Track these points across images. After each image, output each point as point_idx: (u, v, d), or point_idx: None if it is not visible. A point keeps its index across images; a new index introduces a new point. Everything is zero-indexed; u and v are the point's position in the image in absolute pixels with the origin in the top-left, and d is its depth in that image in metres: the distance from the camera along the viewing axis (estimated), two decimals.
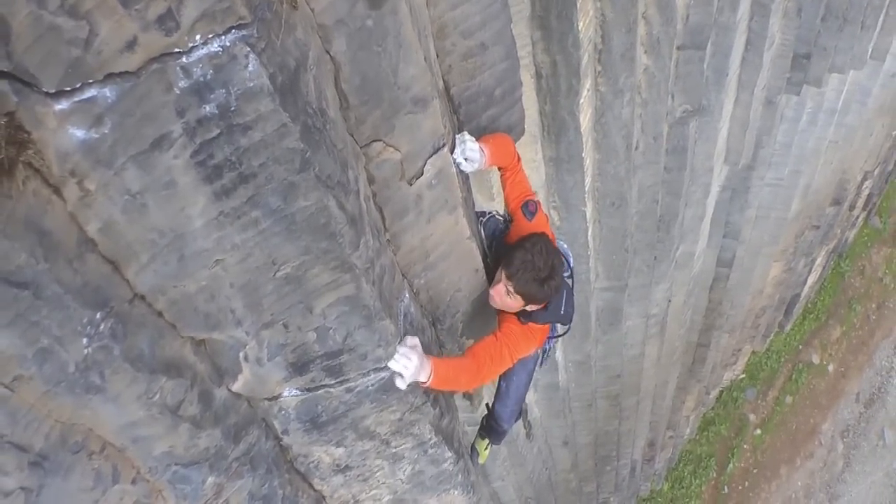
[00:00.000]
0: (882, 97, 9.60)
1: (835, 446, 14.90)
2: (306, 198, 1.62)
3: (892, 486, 14.81)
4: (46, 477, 1.77)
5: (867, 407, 15.17)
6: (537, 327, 2.87)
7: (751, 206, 8.71)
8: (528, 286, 2.64)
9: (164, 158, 1.44)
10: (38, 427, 1.73)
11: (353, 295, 1.95)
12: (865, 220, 15.45)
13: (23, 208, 1.39)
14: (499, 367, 2.77)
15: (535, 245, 2.67)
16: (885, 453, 14.96)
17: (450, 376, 2.55)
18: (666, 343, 9.29)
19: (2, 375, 1.58)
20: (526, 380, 3.60)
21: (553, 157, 4.83)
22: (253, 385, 2.17)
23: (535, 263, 2.62)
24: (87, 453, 1.90)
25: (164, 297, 1.76)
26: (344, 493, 2.94)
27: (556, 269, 2.68)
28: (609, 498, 13.08)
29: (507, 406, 3.67)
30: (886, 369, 15.35)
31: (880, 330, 15.50)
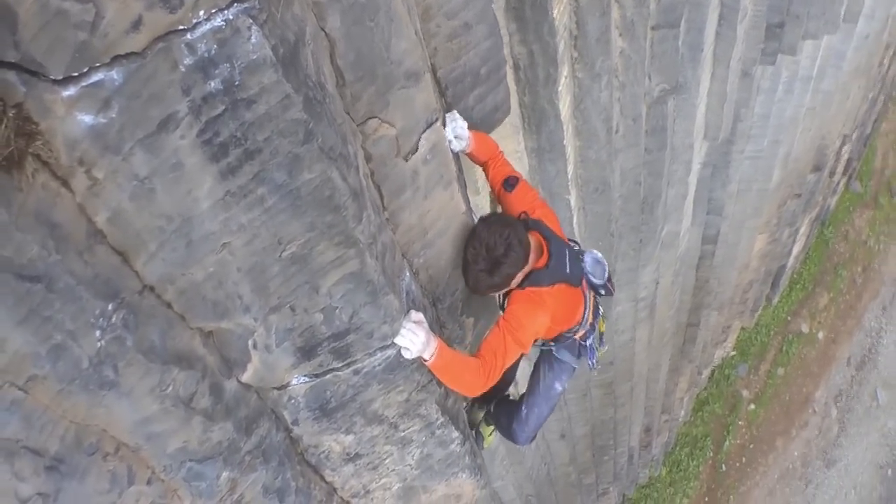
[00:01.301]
0: (856, 59, 9.83)
1: (829, 412, 15.23)
2: (310, 170, 1.67)
3: (888, 446, 15.17)
4: (63, 481, 1.79)
5: (859, 370, 15.52)
6: (541, 290, 2.80)
7: (732, 180, 8.88)
8: (484, 284, 2.71)
9: (171, 139, 1.48)
10: (52, 429, 1.75)
11: (358, 271, 2.00)
12: (846, 186, 15.80)
13: (33, 201, 1.43)
14: (507, 357, 2.69)
15: (467, 247, 2.71)
16: (880, 413, 15.32)
17: (454, 367, 2.57)
18: (656, 325, 9.43)
19: (16, 377, 1.61)
20: (548, 411, 3.62)
21: (535, 148, 4.92)
22: (262, 374, 2.22)
23: (476, 269, 2.68)
24: (101, 455, 1.93)
25: (172, 286, 1.80)
26: (354, 484, 2.99)
27: (494, 250, 2.64)
28: (608, 488, 13.23)
29: (524, 431, 3.69)
30: (876, 330, 15.72)
31: (867, 292, 15.87)
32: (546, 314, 2.83)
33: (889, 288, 16.00)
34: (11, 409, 1.62)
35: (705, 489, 14.98)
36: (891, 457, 15.16)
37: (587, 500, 12.78)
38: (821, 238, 15.78)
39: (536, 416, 3.60)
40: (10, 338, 1.54)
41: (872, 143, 16.19)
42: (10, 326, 1.52)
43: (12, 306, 1.49)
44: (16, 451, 1.67)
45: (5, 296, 1.47)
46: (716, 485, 14.97)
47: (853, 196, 16.26)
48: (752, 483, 14.93)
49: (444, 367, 2.53)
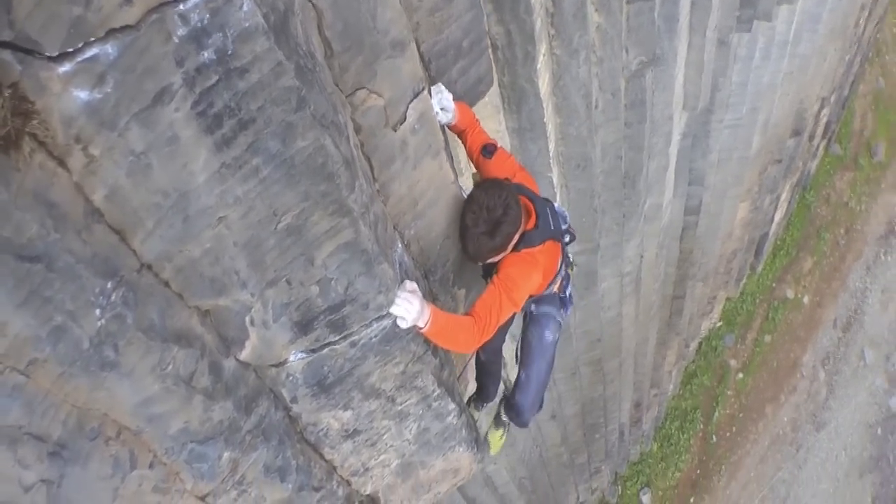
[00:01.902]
0: (832, 21, 9.97)
1: (817, 376, 15.57)
2: (304, 138, 1.71)
3: (876, 405, 15.55)
4: (66, 466, 1.82)
5: (845, 331, 15.86)
6: (534, 250, 2.89)
7: (712, 150, 8.99)
8: (485, 248, 2.76)
9: (166, 112, 1.51)
10: (54, 414, 1.77)
11: (352, 240, 2.05)
12: (826, 149, 16.05)
13: (31, 181, 1.45)
14: (501, 315, 2.78)
15: (465, 216, 2.77)
16: (867, 373, 15.68)
17: (448, 329, 2.62)
18: (642, 299, 9.56)
19: (17, 361, 1.62)
20: (546, 367, 3.61)
21: (516, 128, 4.98)
22: (260, 351, 2.26)
23: (476, 232, 2.73)
24: (103, 439, 1.96)
25: (170, 264, 1.83)
26: (354, 462, 3.05)
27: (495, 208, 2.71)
28: (601, 466, 13.44)
29: (528, 395, 3.69)
30: (861, 290, 16.05)
31: (851, 253, 16.19)
32: (539, 272, 2.94)
33: (872, 248, 16.33)
34: (13, 394, 1.64)
35: (697, 461, 15.28)
36: (879, 415, 15.55)
37: (580, 479, 12.99)
38: (802, 203, 16.05)
39: (536, 374, 3.60)
40: (11, 321, 1.55)
41: (851, 104, 16.46)
42: (10, 309, 1.53)
43: (12, 288, 1.51)
44: (18, 437, 1.69)
45: (5, 277, 1.49)
46: (707, 456, 15.27)
47: (833, 159, 16.54)
48: (743, 452, 15.25)
49: (439, 332, 2.59)
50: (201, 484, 2.41)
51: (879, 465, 15.41)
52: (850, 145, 16.77)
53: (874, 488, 15.33)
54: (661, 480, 15.20)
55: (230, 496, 2.57)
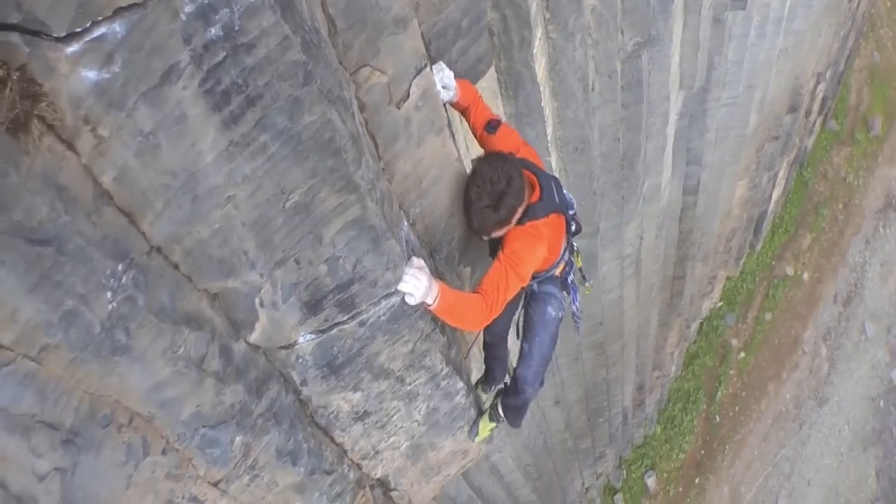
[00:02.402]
0: None
1: (818, 352, 15.65)
2: (311, 112, 1.72)
3: (878, 378, 15.65)
4: (79, 454, 1.83)
5: (846, 306, 15.94)
6: (538, 223, 2.90)
7: (709, 128, 9.01)
8: (491, 220, 2.77)
9: (174, 91, 1.52)
10: (67, 401, 1.78)
11: (360, 217, 2.06)
12: (822, 125, 16.07)
13: (40, 164, 1.46)
14: (508, 291, 2.79)
15: (469, 188, 2.77)
16: (868, 346, 15.77)
17: (457, 306, 2.64)
18: (643, 281, 9.58)
19: (29, 348, 1.63)
20: (549, 340, 3.60)
21: (513, 113, 5.00)
22: (270, 332, 2.27)
23: (481, 205, 2.74)
24: (116, 426, 1.97)
25: (179, 246, 1.84)
26: (364, 445, 3.07)
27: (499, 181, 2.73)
28: (605, 451, 13.52)
29: (530, 367, 3.65)
30: (860, 265, 16.11)
31: (849, 228, 16.24)
32: (543, 245, 2.94)
33: (871, 221, 16.38)
34: (25, 381, 1.64)
35: (700, 442, 15.37)
36: (881, 388, 15.65)
37: (585, 465, 13.06)
38: (800, 180, 16.08)
39: (539, 346, 3.57)
40: (22, 306, 1.56)
41: (846, 80, 16.46)
42: (21, 295, 1.54)
43: (23, 273, 1.52)
44: (31, 426, 1.69)
45: (16, 262, 1.50)
46: (711, 436, 15.36)
47: (830, 135, 16.56)
48: (746, 430, 15.34)
49: (447, 309, 2.61)
50: (214, 469, 2.43)
51: (882, 438, 15.53)
52: (847, 120, 16.79)
53: (877, 461, 15.45)
54: (666, 462, 15.30)
55: (243, 481, 2.59)
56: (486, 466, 8.05)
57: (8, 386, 1.60)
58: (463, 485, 8.40)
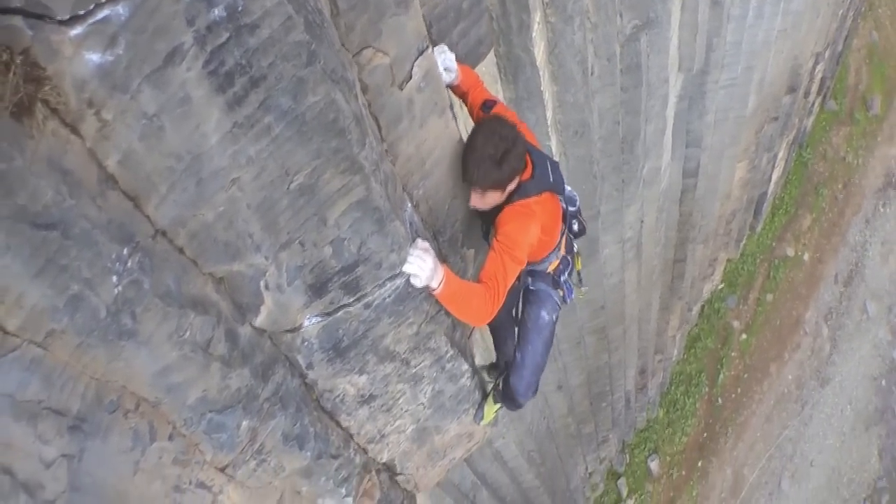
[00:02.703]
0: None
1: (820, 332, 15.70)
2: (315, 92, 1.72)
3: (880, 357, 15.71)
4: (86, 440, 1.83)
5: (847, 285, 15.98)
6: (529, 200, 2.87)
7: (709, 110, 9.00)
8: (489, 176, 2.72)
9: (178, 73, 1.52)
10: (73, 387, 1.78)
11: (364, 198, 2.06)
12: (821, 105, 16.05)
13: (44, 148, 1.46)
14: (508, 277, 2.77)
15: (474, 138, 2.75)
16: (870, 326, 15.82)
17: (461, 294, 2.63)
18: (644, 264, 9.60)
19: (35, 333, 1.63)
20: (542, 348, 3.56)
21: (513, 98, 5.00)
22: (276, 316, 2.28)
23: (483, 154, 2.69)
24: (122, 412, 1.97)
25: (184, 230, 1.84)
26: (370, 429, 3.09)
27: (505, 139, 2.71)
28: (608, 435, 13.58)
29: (522, 378, 3.61)
30: (861, 244, 16.14)
31: (849, 207, 16.26)
32: (536, 224, 2.90)
33: (871, 200, 16.39)
34: (31, 368, 1.64)
35: (703, 425, 15.44)
36: (883, 367, 15.73)
37: (588, 450, 13.12)
38: (799, 160, 16.07)
39: (531, 354, 3.55)
40: (28, 292, 1.56)
41: (845, 60, 16.41)
42: (27, 280, 1.54)
43: (29, 258, 1.52)
44: (38, 412, 1.69)
45: (21, 247, 1.50)
46: (713, 419, 15.43)
47: (829, 115, 16.53)
48: (748, 412, 15.41)
49: (451, 296, 2.60)
50: (221, 455, 2.44)
51: (885, 417, 15.62)
52: (846, 100, 16.75)
53: (880, 440, 15.56)
54: (669, 446, 15.37)
55: (249, 466, 2.60)
56: (490, 452, 8.09)
57: (14, 372, 1.60)
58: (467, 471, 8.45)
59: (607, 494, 15.19)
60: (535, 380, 3.66)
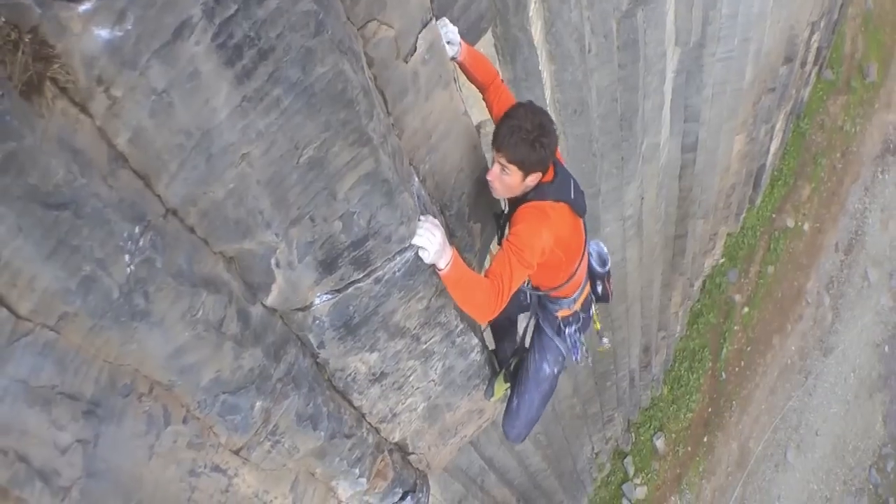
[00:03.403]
0: None
1: (822, 301, 15.78)
2: (323, 63, 1.72)
3: (882, 323, 15.81)
4: (101, 425, 1.84)
5: (847, 254, 16.05)
6: (545, 203, 2.85)
7: (706, 84, 9.00)
8: (518, 149, 2.68)
9: (187, 47, 1.52)
10: (87, 371, 1.79)
11: (373, 170, 2.07)
12: (818, 75, 16.04)
13: (55, 127, 1.45)
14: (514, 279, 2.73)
15: (517, 110, 2.74)
16: (872, 292, 15.90)
17: (466, 281, 2.64)
18: (645, 241, 9.63)
19: (47, 317, 1.63)
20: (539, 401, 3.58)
21: (511, 79, 5.02)
22: (287, 294, 2.29)
23: (521, 126, 2.66)
24: (136, 396, 1.98)
25: (194, 208, 1.84)
26: (382, 408, 3.11)
27: (545, 127, 2.71)
28: (613, 415, 13.67)
29: (514, 427, 3.70)
30: (860, 211, 16.19)
31: (848, 176, 16.29)
32: (550, 230, 2.84)
33: (869, 168, 16.43)
34: (45, 352, 1.65)
35: (707, 400, 15.54)
36: (886, 333, 15.82)
37: (593, 430, 13.21)
38: (797, 131, 16.07)
39: (527, 406, 3.59)
40: (40, 274, 1.56)
41: (840, 28, 16.38)
42: (39, 262, 1.54)
43: (40, 239, 1.52)
44: (52, 398, 1.70)
45: (33, 228, 1.49)
46: (717, 394, 15.52)
47: (826, 84, 16.52)
48: (752, 385, 15.51)
49: (457, 280, 2.60)
50: (235, 437, 2.45)
51: (889, 383, 15.73)
52: (842, 69, 16.74)
53: (884, 406, 15.67)
54: (674, 423, 15.47)
55: (264, 448, 2.62)
56: (497, 436, 8.14)
57: (27, 357, 1.60)
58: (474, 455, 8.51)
59: (614, 474, 15.31)
60: (527, 431, 3.77)
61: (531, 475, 11.15)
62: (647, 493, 15.23)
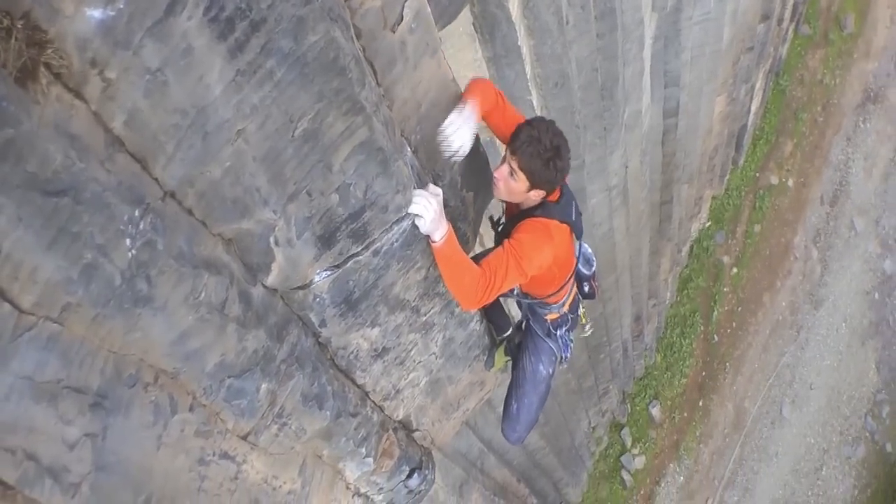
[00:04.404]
0: None
1: (810, 255, 15.97)
2: (314, 31, 1.73)
3: (871, 271, 16.01)
4: (108, 417, 1.85)
5: (833, 205, 16.22)
6: (551, 222, 2.92)
7: (685, 48, 9.04)
8: (532, 161, 2.74)
9: (179, 23, 1.52)
10: (92, 363, 1.79)
11: (367, 139, 2.09)
12: (795, 31, 16.11)
13: (50, 113, 1.45)
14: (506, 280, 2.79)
15: (540, 123, 2.78)
16: (859, 241, 16.10)
17: (457, 261, 2.68)
18: (631, 210, 9.70)
19: (50, 309, 1.63)
20: (537, 403, 3.67)
21: (491, 57, 5.04)
22: (287, 272, 2.31)
23: (540, 140, 2.72)
24: (142, 385, 1.99)
25: (192, 189, 1.85)
26: (385, 385, 3.15)
27: (561, 151, 2.76)
28: (608, 387, 13.82)
29: (514, 431, 3.77)
30: (843, 162, 16.34)
31: (830, 128, 16.42)
32: (551, 249, 2.93)
33: (851, 118, 16.55)
34: (49, 346, 1.65)
35: (701, 364, 15.74)
36: (875, 280, 16.05)
37: (589, 404, 13.37)
38: (777, 88, 16.15)
39: (526, 409, 3.67)
40: (41, 265, 1.56)
41: None
42: (40, 252, 1.54)
43: (41, 228, 1.52)
44: (58, 392, 1.70)
45: (33, 217, 1.49)
46: (710, 357, 15.73)
47: (803, 39, 16.59)
48: (745, 345, 15.72)
49: (448, 257, 2.65)
50: (242, 422, 2.47)
51: (880, 329, 15.98)
52: (819, 23, 16.81)
53: (877, 353, 15.94)
54: (669, 390, 15.68)
55: (271, 431, 2.65)
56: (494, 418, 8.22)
57: (31, 352, 1.60)
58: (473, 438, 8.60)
59: (612, 446, 15.52)
60: (528, 432, 3.85)
61: (530, 454, 11.29)
62: (645, 463, 15.46)
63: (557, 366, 3.70)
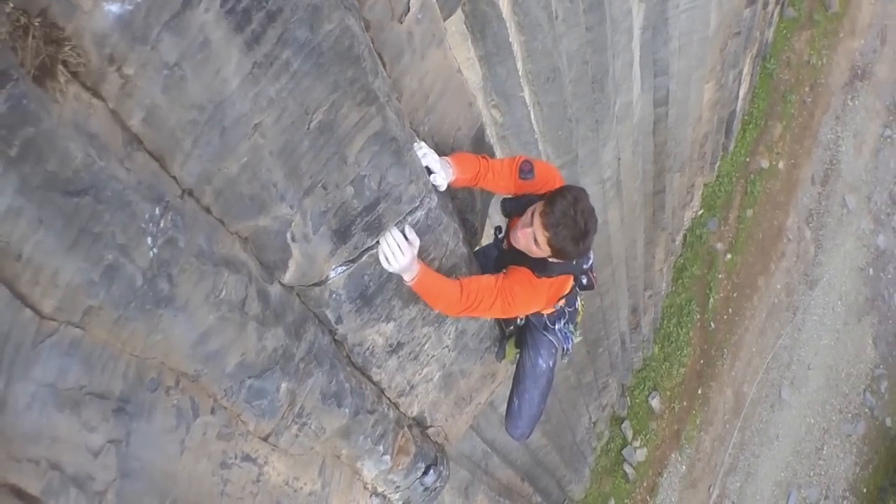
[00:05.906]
0: None
1: (803, 236, 15.98)
2: (330, 20, 1.73)
3: (864, 247, 15.99)
4: (132, 422, 1.82)
5: (824, 185, 16.20)
6: (547, 283, 2.95)
7: (672, 36, 9.06)
8: (564, 242, 2.71)
9: (196, 15, 1.51)
10: (114, 368, 1.77)
11: (381, 129, 2.09)
12: (780, 14, 16.15)
13: (69, 112, 1.44)
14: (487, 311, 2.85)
15: (577, 200, 2.72)
16: (852, 218, 16.08)
17: (432, 289, 2.70)
18: (625, 201, 9.72)
19: (72, 313, 1.61)
20: (539, 398, 3.68)
21: (483, 55, 5.05)
22: (304, 269, 2.31)
23: (575, 220, 2.68)
24: (164, 389, 1.97)
25: (209, 187, 1.84)
26: (399, 381, 3.15)
27: (590, 228, 2.74)
28: (607, 381, 13.83)
29: (517, 428, 3.78)
30: (833, 141, 16.33)
31: (818, 108, 16.41)
32: (540, 304, 3.06)
33: (839, 97, 16.54)
34: (71, 351, 1.62)
35: (698, 352, 15.75)
36: (869, 256, 16.03)
37: (589, 399, 13.36)
38: (764, 72, 16.15)
39: (528, 404, 3.69)
40: (62, 268, 1.54)
41: None
42: (60, 255, 1.52)
43: (62, 229, 1.50)
44: (81, 399, 1.67)
45: (54, 219, 1.47)
46: (708, 344, 15.73)
47: (789, 22, 16.60)
48: (742, 330, 15.72)
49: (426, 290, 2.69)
50: (263, 422, 2.46)
51: (875, 304, 15.96)
52: (804, 5, 16.80)
53: (873, 328, 15.92)
54: (667, 380, 15.68)
55: (291, 432, 2.63)
56: (496, 419, 8.23)
57: (53, 359, 1.57)
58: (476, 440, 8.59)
59: (613, 440, 15.51)
60: (532, 428, 3.86)
61: (532, 453, 11.29)
62: (647, 455, 15.46)
63: (560, 358, 3.70)
